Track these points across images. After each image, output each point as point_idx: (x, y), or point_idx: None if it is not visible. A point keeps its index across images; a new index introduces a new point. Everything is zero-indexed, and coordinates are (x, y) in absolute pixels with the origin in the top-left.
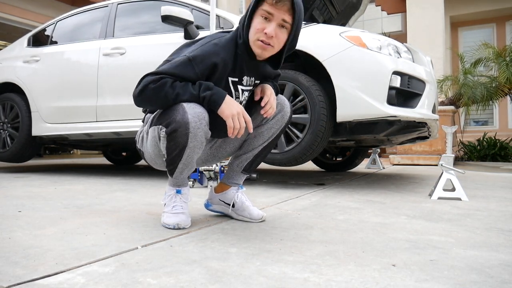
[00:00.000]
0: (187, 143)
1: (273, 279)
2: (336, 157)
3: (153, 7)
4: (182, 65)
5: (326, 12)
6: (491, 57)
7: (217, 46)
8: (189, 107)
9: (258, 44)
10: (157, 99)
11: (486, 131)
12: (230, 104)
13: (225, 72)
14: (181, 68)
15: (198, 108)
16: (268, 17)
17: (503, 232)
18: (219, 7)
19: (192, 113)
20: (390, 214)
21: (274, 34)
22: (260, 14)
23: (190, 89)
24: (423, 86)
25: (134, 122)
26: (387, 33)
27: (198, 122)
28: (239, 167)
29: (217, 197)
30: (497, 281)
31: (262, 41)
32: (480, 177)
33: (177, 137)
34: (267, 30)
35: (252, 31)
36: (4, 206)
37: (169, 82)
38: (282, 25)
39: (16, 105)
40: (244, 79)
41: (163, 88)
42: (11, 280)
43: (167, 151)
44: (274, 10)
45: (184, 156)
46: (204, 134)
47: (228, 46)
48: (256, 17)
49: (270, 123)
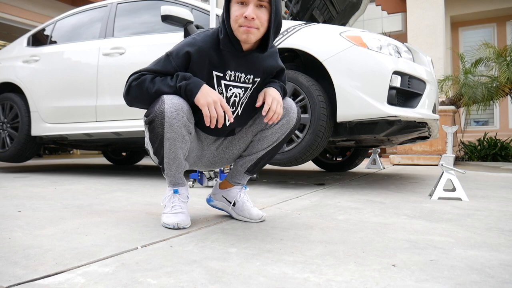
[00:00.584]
0: (163, 133)
1: (273, 279)
2: (336, 157)
3: (153, 7)
4: (161, 61)
5: (326, 12)
6: (491, 57)
7: (194, 40)
8: (168, 98)
9: (241, 30)
10: (141, 95)
11: (486, 131)
12: (206, 93)
13: (204, 63)
14: (160, 64)
15: (176, 99)
16: (243, 1)
17: (503, 232)
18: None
19: (169, 103)
20: (390, 214)
21: (255, 15)
22: (235, 1)
23: (168, 82)
24: (424, 86)
25: (134, 122)
26: (387, 33)
27: (174, 112)
28: (243, 167)
29: (220, 193)
30: (498, 281)
31: (245, 26)
32: (480, 177)
33: (155, 127)
34: (246, 13)
35: (233, 20)
36: (4, 206)
37: (149, 78)
38: (260, 5)
39: (15, 105)
40: (227, 74)
41: (144, 84)
42: (11, 280)
43: (150, 142)
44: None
45: (166, 148)
46: (184, 126)
47: (207, 39)
48: (233, 6)
49: (275, 128)
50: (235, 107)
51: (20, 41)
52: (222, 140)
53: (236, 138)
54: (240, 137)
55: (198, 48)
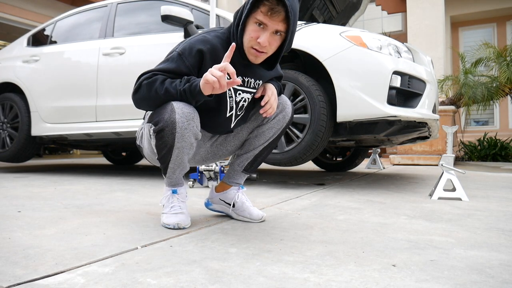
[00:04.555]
0: (174, 143)
1: (273, 279)
2: (336, 157)
3: (153, 7)
4: (173, 60)
5: (326, 12)
6: (491, 57)
7: (206, 38)
8: (178, 106)
9: (251, 52)
10: (149, 96)
11: (486, 131)
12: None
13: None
14: (172, 63)
15: (187, 108)
16: (263, 24)
17: (503, 232)
18: (219, 7)
19: (180, 113)
20: (390, 214)
21: (268, 44)
22: (254, 21)
23: (176, 85)
24: (424, 86)
25: (134, 122)
26: (387, 33)
27: (185, 122)
28: (240, 166)
29: (217, 197)
30: (498, 281)
31: (255, 50)
32: (480, 177)
33: (164, 136)
34: (260, 39)
35: (246, 38)
36: (4, 206)
37: (160, 79)
38: (276, 32)
39: (15, 105)
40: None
41: (154, 84)
42: (11, 280)
43: (157, 149)
44: (268, 21)
45: (173, 155)
46: (193, 135)
47: (218, 40)
48: (251, 24)
49: (271, 123)
50: (242, 111)
51: (20, 41)
52: (217, 137)
53: (231, 135)
54: (235, 134)
55: (211, 47)
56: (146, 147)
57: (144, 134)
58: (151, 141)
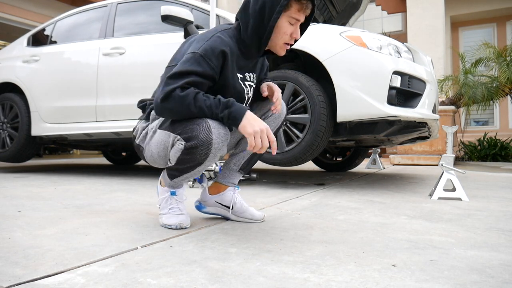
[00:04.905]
0: (204, 162)
1: (273, 279)
2: (336, 157)
3: (153, 7)
4: (198, 63)
5: (326, 12)
6: (491, 57)
7: (222, 39)
8: (215, 126)
9: (283, 47)
10: (180, 110)
11: (486, 131)
12: (253, 119)
13: (234, 64)
14: (198, 66)
15: (222, 129)
16: (297, 19)
17: (503, 232)
18: (219, 7)
19: (217, 133)
20: (390, 214)
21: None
22: (287, 20)
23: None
24: (424, 86)
25: (134, 122)
26: (387, 33)
27: (220, 144)
28: (236, 165)
29: (212, 199)
30: (498, 281)
31: (287, 44)
32: (480, 177)
33: (196, 153)
34: (295, 35)
35: (279, 36)
36: (4, 206)
37: (192, 94)
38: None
39: (15, 105)
40: (247, 75)
41: (186, 98)
42: (11, 280)
43: (178, 161)
44: (300, 16)
45: (195, 170)
46: (221, 154)
47: (230, 39)
48: (283, 22)
49: (268, 121)
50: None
51: (20, 41)
52: None
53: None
54: (232, 132)
55: (230, 48)
56: (152, 151)
57: (157, 138)
58: (169, 150)
